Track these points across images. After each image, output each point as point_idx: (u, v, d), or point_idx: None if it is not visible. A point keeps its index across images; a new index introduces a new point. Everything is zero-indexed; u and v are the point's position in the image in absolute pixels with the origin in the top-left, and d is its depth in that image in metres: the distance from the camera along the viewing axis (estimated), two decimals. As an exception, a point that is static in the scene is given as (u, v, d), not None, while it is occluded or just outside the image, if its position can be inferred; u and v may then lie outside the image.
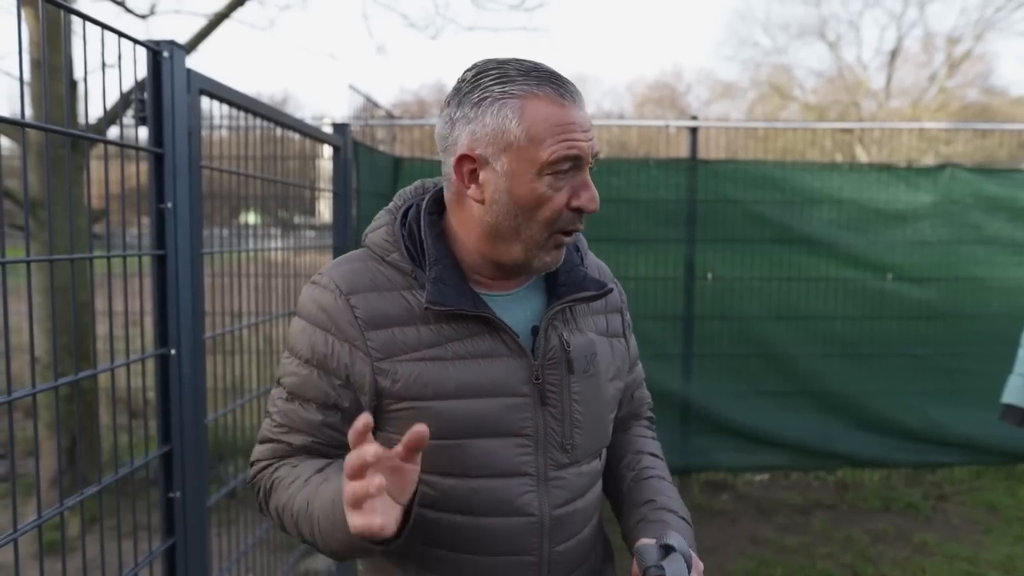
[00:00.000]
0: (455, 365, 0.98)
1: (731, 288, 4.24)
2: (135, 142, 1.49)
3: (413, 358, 0.97)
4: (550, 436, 1.02)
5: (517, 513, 1.00)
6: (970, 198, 4.33)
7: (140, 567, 1.44)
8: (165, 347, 1.55)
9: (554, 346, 1.02)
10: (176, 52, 1.52)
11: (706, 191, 4.19)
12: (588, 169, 0.98)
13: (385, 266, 1.02)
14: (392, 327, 0.98)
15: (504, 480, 0.99)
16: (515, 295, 1.05)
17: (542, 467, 1.01)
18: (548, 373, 1.01)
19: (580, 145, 0.94)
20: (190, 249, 1.59)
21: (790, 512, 4.01)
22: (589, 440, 1.06)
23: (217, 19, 3.92)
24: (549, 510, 1.02)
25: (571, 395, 1.03)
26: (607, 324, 1.13)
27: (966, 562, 3.42)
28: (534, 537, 1.01)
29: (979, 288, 4.37)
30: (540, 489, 1.01)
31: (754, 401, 4.27)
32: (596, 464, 1.11)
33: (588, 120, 0.98)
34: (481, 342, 0.99)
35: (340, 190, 2.90)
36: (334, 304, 0.98)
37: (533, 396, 1.01)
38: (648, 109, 24.58)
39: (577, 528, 1.06)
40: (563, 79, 0.96)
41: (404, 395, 0.97)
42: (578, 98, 0.97)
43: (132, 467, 1.43)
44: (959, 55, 20.30)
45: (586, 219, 1.02)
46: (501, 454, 0.99)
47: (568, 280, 1.06)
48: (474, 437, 0.98)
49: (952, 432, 4.35)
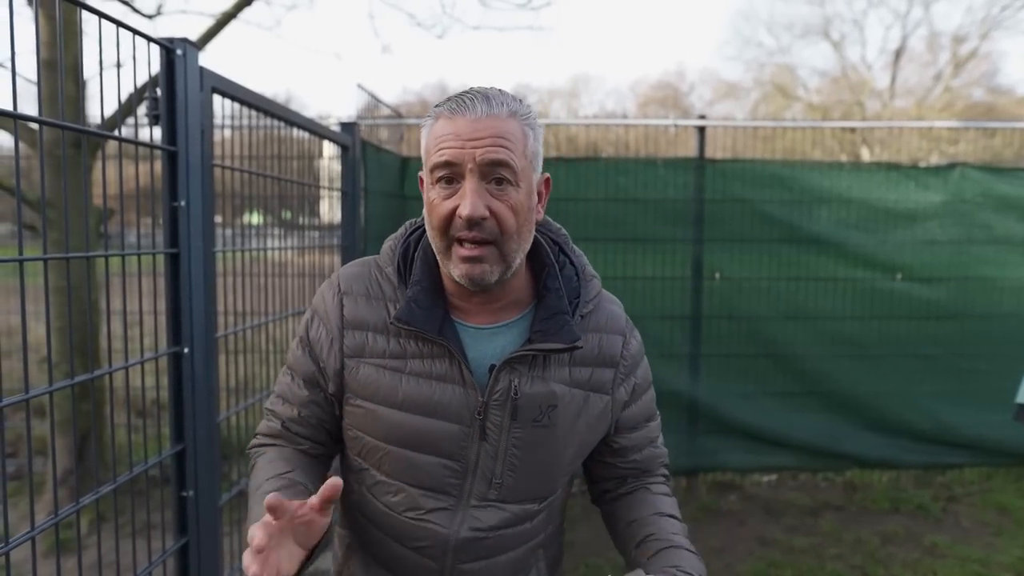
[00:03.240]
0: (409, 380, 1.05)
1: (739, 288, 4.23)
2: (148, 140, 1.49)
3: (375, 363, 1.06)
4: (482, 470, 1.07)
5: (430, 522, 1.08)
6: (980, 197, 4.30)
7: (154, 566, 1.44)
8: (178, 346, 1.55)
9: (501, 388, 1.04)
10: (189, 50, 1.52)
11: (714, 190, 4.17)
12: (480, 177, 0.97)
13: (383, 276, 1.10)
14: (368, 331, 1.07)
15: (422, 491, 1.07)
16: (494, 330, 1.08)
17: (466, 494, 1.08)
18: (492, 412, 1.05)
19: (450, 152, 0.96)
20: (202, 247, 1.58)
21: (798, 513, 3.99)
22: (524, 485, 1.09)
23: (224, 19, 3.93)
24: (458, 530, 1.08)
25: (511, 439, 1.06)
26: (590, 376, 1.10)
27: (978, 564, 3.40)
28: (439, 549, 1.09)
29: (990, 288, 4.35)
30: (457, 511, 1.08)
31: (762, 401, 4.26)
32: (532, 508, 1.12)
33: (484, 128, 0.97)
34: (439, 365, 1.05)
35: (349, 189, 2.89)
36: (331, 300, 1.10)
37: (474, 428, 1.05)
38: (651, 109, 24.54)
39: (489, 553, 1.10)
40: (469, 95, 1.00)
41: (359, 393, 1.07)
42: (475, 109, 0.98)
43: (146, 466, 1.42)
44: (964, 54, 20.24)
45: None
46: (429, 471, 1.06)
47: (544, 327, 1.05)
48: (408, 448, 1.06)
49: (962, 433, 4.32)
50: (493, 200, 0.97)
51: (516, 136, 0.99)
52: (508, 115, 0.99)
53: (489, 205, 0.97)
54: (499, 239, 0.98)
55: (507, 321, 1.08)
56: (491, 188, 0.97)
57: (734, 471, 4.37)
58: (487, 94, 1.00)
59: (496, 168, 0.97)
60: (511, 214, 0.98)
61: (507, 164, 0.97)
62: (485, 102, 0.98)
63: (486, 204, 0.96)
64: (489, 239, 0.98)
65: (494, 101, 0.99)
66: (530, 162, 1.01)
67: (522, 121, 1.00)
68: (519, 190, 0.99)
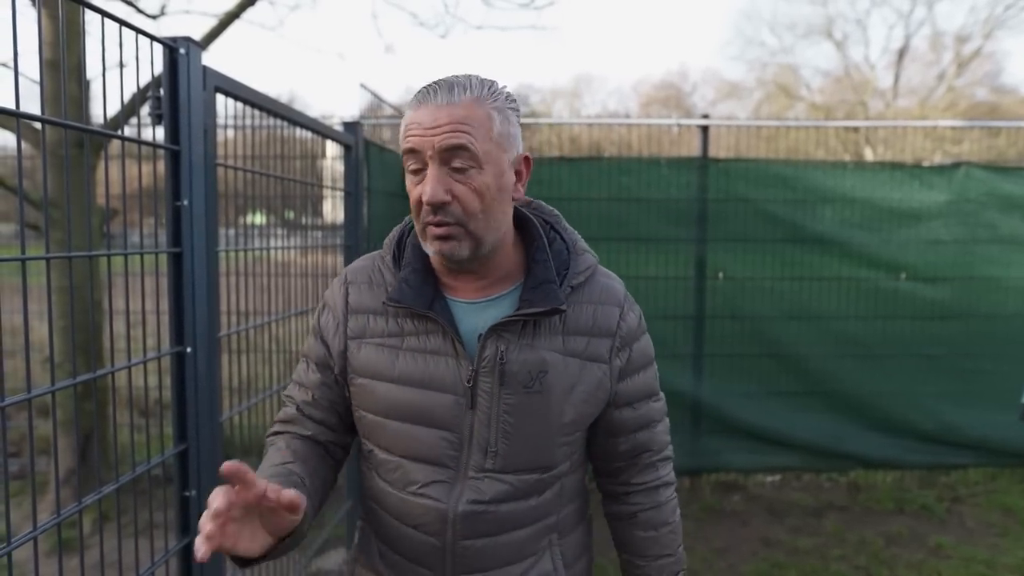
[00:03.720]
0: (405, 355, 1.10)
1: (742, 288, 4.22)
2: (151, 140, 1.49)
3: (374, 343, 1.12)
4: (476, 439, 1.09)
5: (428, 497, 1.10)
6: (985, 196, 4.29)
7: (156, 566, 1.43)
8: (181, 345, 1.54)
9: (489, 355, 1.07)
10: (192, 49, 1.51)
11: (717, 190, 4.17)
12: (440, 163, 1.01)
13: (383, 264, 1.17)
14: (368, 314, 1.14)
15: (422, 465, 1.10)
16: (484, 303, 1.12)
17: (463, 465, 1.10)
18: (481, 380, 1.08)
19: (414, 140, 1.01)
20: (205, 247, 1.58)
21: (802, 513, 3.98)
22: (521, 454, 1.10)
23: (228, 19, 3.93)
24: (456, 503, 1.09)
25: (502, 405, 1.08)
26: (586, 345, 1.12)
27: (983, 565, 3.39)
28: (439, 524, 1.10)
29: (994, 288, 4.33)
30: (456, 484, 1.10)
31: (766, 401, 4.25)
32: (532, 480, 1.12)
33: (443, 116, 1.00)
34: (433, 340, 1.09)
35: (352, 189, 2.89)
36: (339, 289, 1.19)
37: (466, 398, 1.08)
38: (653, 109, 24.53)
39: (491, 530, 1.11)
40: (435, 84, 1.04)
41: (360, 372, 1.13)
42: (436, 98, 1.02)
43: (148, 465, 1.42)
44: (968, 54, 20.19)
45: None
46: (425, 442, 1.09)
47: (531, 296, 1.09)
48: (405, 421, 1.10)
49: (967, 433, 4.31)
50: (456, 184, 1.01)
51: (478, 120, 1.01)
52: (471, 101, 1.02)
53: (451, 189, 1.01)
54: (463, 220, 1.03)
55: (497, 295, 1.12)
56: (453, 173, 1.01)
57: (738, 471, 4.36)
58: (452, 82, 1.03)
59: (455, 153, 1.00)
60: (474, 196, 1.02)
61: (465, 148, 1.00)
62: (447, 91, 1.02)
63: (447, 189, 1.01)
64: (452, 222, 1.02)
65: (456, 88, 1.02)
66: (498, 144, 1.03)
67: (488, 105, 1.03)
68: (483, 172, 1.02)
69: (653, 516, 1.23)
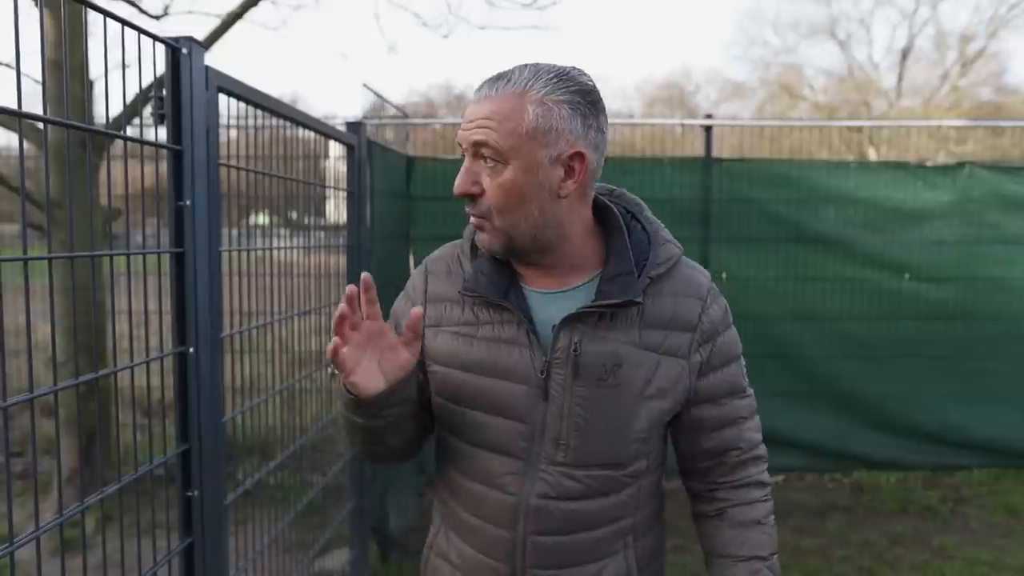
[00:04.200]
0: (480, 344, 1.10)
1: (746, 288, 4.21)
2: (154, 140, 1.49)
3: (451, 331, 1.13)
4: (548, 431, 1.08)
5: (500, 489, 1.10)
6: (989, 196, 4.27)
7: (159, 566, 1.43)
8: (183, 345, 1.54)
9: (562, 346, 1.07)
10: (195, 49, 1.51)
11: (721, 190, 4.16)
12: (473, 156, 1.05)
13: (462, 254, 1.19)
14: (446, 303, 1.15)
15: (493, 455, 1.10)
16: (561, 294, 1.11)
17: (534, 456, 1.09)
18: (555, 371, 1.07)
19: (460, 134, 1.06)
20: (208, 247, 1.58)
21: (805, 514, 3.97)
22: (591, 447, 1.08)
23: (230, 19, 3.93)
24: (528, 496, 1.09)
25: (575, 397, 1.07)
26: (663, 340, 1.09)
27: (987, 566, 3.38)
28: (511, 515, 1.10)
29: (998, 288, 4.32)
30: (525, 475, 1.09)
31: (769, 402, 4.19)
32: (604, 476, 1.09)
33: (479, 111, 1.03)
34: (508, 330, 1.09)
35: (354, 189, 2.89)
36: (419, 278, 1.21)
37: (539, 389, 1.08)
38: (657, 109, 24.50)
39: (563, 528, 1.09)
40: (493, 75, 1.06)
41: (436, 359, 1.14)
42: (482, 91, 1.04)
43: (151, 465, 1.42)
44: (972, 53, 20.15)
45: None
46: (497, 432, 1.09)
47: (607, 288, 1.07)
48: (478, 410, 1.10)
49: (970, 434, 4.30)
50: (485, 178, 1.04)
51: (505, 115, 1.00)
52: (508, 94, 1.01)
53: (480, 182, 1.04)
54: (487, 214, 1.05)
55: (574, 285, 1.11)
56: (484, 167, 1.04)
57: (740, 472, 4.35)
58: (501, 74, 1.05)
59: (480, 148, 1.03)
60: (496, 191, 1.03)
61: (486, 144, 1.01)
62: (492, 83, 1.04)
63: (474, 181, 1.04)
64: (479, 214, 1.06)
65: (501, 81, 1.03)
66: (531, 138, 1.00)
67: (529, 98, 1.00)
68: (508, 167, 1.02)
69: (744, 512, 1.17)
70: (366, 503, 3.00)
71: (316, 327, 2.67)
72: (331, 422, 2.90)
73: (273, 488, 2.35)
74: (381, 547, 3.38)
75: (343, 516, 2.93)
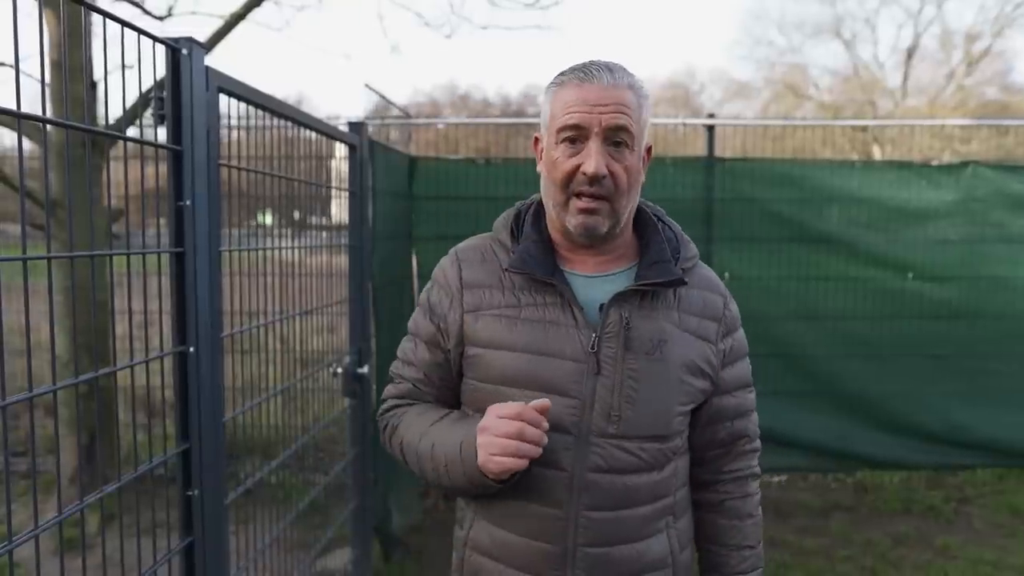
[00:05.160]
0: (525, 325, 1.14)
1: (748, 288, 4.20)
2: (153, 140, 1.49)
3: (493, 313, 1.16)
4: (600, 404, 1.12)
5: (551, 466, 1.12)
6: (993, 195, 4.26)
7: (159, 564, 1.44)
8: (184, 345, 1.55)
9: (613, 321, 1.12)
10: (195, 50, 1.52)
11: (723, 190, 4.15)
12: (603, 139, 1.09)
13: (496, 243, 1.23)
14: (484, 288, 1.19)
15: (547, 433, 1.10)
16: (603, 277, 1.18)
17: (584, 430, 1.12)
18: (605, 345, 1.12)
19: (578, 116, 1.09)
20: (208, 247, 1.59)
21: (808, 514, 3.96)
22: (641, 419, 1.13)
23: (234, 20, 3.94)
24: (582, 471, 1.12)
25: (626, 369, 1.12)
26: (697, 325, 1.19)
27: (990, 566, 3.37)
28: (563, 492, 1.12)
29: (1002, 287, 4.30)
30: (578, 449, 1.12)
31: (772, 401, 4.22)
32: (653, 449, 1.14)
33: (609, 96, 1.09)
34: (552, 311, 1.14)
35: (356, 189, 2.89)
36: (450, 268, 1.23)
37: (589, 364, 1.11)
38: (661, 108, 24.46)
39: (617, 503, 1.13)
40: (595, 66, 1.12)
41: (478, 343, 1.17)
42: (601, 79, 1.10)
43: (151, 465, 1.43)
44: (977, 52, 20.07)
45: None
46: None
47: (648, 272, 1.16)
48: (526, 388, 1.12)
49: (974, 434, 4.28)
50: (612, 161, 1.10)
51: (634, 105, 1.11)
52: (627, 86, 1.11)
53: (608, 165, 1.09)
54: (613, 195, 1.11)
55: (615, 271, 1.19)
56: (610, 150, 1.10)
57: (743, 472, 4.34)
58: (610, 66, 1.12)
59: (618, 132, 1.09)
60: (625, 174, 1.11)
61: (627, 129, 1.09)
62: (609, 73, 1.10)
63: (607, 163, 1.09)
64: (605, 195, 1.10)
65: (616, 73, 1.11)
66: (642, 130, 1.13)
67: (638, 93, 1.12)
68: (633, 153, 1.12)
69: (739, 506, 1.27)
70: (368, 502, 3.01)
71: (318, 327, 2.68)
72: (332, 422, 2.90)
73: (275, 488, 2.35)
74: (383, 547, 3.39)
75: (345, 516, 2.94)
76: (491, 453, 1.05)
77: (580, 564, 1.13)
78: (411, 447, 1.21)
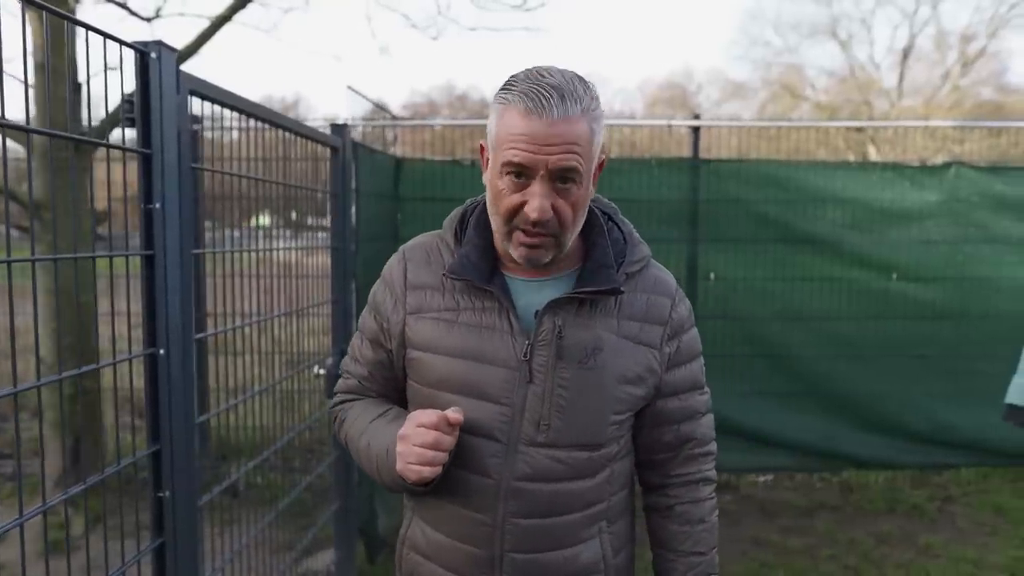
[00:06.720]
0: (460, 329, 1.13)
1: (734, 288, 4.22)
2: (124, 144, 1.50)
3: (431, 317, 1.16)
4: (529, 412, 1.11)
5: (480, 472, 1.13)
6: (976, 196, 4.28)
7: (127, 566, 1.45)
8: (154, 347, 1.56)
9: (546, 329, 1.11)
10: (164, 53, 1.53)
11: (708, 190, 4.17)
12: (549, 179, 1.03)
13: (442, 243, 1.21)
14: (427, 290, 1.18)
15: (475, 439, 1.12)
16: (542, 282, 1.16)
17: (514, 438, 1.12)
18: (537, 353, 1.11)
19: (524, 155, 1.02)
20: (179, 250, 1.60)
21: (794, 514, 3.98)
22: (571, 428, 1.12)
23: (218, 21, 3.95)
24: (509, 478, 1.12)
25: (557, 378, 1.11)
26: (639, 330, 1.16)
27: (971, 565, 3.39)
28: (490, 499, 1.12)
29: (986, 288, 4.32)
30: (506, 457, 1.12)
31: (758, 402, 4.24)
32: (583, 457, 1.14)
33: (557, 135, 1.01)
34: (489, 316, 1.13)
35: (338, 191, 2.90)
36: (397, 265, 1.23)
37: (521, 371, 1.11)
38: (659, 109, 24.49)
39: (545, 510, 1.13)
40: (544, 91, 1.01)
41: (417, 345, 1.17)
42: (551, 112, 1.00)
43: (119, 466, 1.44)
44: (973, 53, 20.12)
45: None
46: (478, 415, 1.12)
47: (589, 278, 1.13)
48: (460, 394, 1.12)
49: (959, 434, 4.30)
50: (558, 199, 1.05)
51: (585, 138, 1.04)
52: (580, 115, 1.02)
53: (554, 204, 1.05)
54: (557, 232, 1.07)
55: (555, 275, 1.16)
56: (557, 186, 1.04)
57: (729, 471, 4.36)
58: (563, 91, 1.01)
59: (565, 173, 1.03)
60: (571, 211, 1.06)
61: (576, 170, 1.04)
62: (560, 101, 1.00)
63: (552, 204, 1.04)
64: (547, 233, 1.07)
65: (569, 100, 1.01)
66: (594, 157, 1.08)
67: (590, 117, 1.04)
68: (581, 187, 1.06)
69: (690, 510, 1.24)
70: (353, 503, 3.01)
71: (304, 328, 2.69)
72: (315, 423, 2.91)
73: (261, 488, 2.36)
74: (368, 548, 3.40)
75: (328, 516, 2.95)
76: (408, 462, 1.06)
77: (507, 569, 1.13)
78: (353, 443, 1.24)
